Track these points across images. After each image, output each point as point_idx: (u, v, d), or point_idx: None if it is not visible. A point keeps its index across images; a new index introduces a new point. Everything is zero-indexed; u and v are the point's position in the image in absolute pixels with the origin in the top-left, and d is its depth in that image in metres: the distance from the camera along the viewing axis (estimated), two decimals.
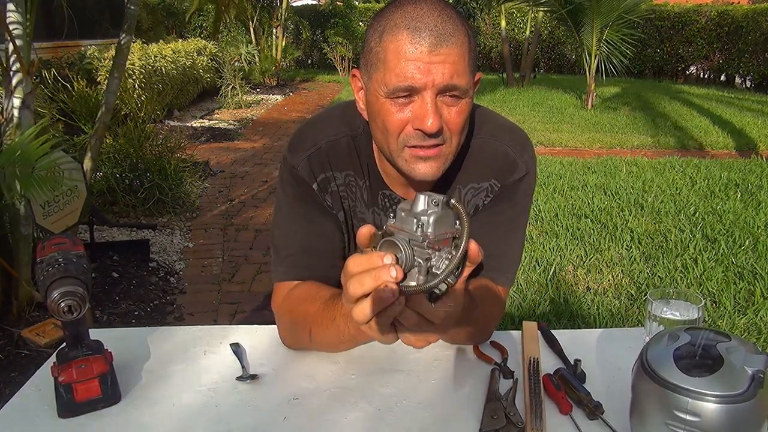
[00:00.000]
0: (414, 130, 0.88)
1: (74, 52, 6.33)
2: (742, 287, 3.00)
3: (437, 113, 0.86)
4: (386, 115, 0.89)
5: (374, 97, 0.91)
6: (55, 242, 0.91)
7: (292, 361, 1.03)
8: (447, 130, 0.89)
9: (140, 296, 2.93)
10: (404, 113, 0.88)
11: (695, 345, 0.79)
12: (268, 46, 12.45)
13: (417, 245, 0.67)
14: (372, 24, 0.91)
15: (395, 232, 0.68)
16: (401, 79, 0.85)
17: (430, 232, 0.67)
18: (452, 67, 0.85)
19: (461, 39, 0.86)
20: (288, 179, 1.04)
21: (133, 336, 1.11)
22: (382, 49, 0.88)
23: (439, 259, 0.67)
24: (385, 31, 0.87)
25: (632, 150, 6.46)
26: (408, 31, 0.85)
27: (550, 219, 4.01)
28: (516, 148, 1.04)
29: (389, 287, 0.65)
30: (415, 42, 0.84)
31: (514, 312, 2.76)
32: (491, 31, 14.85)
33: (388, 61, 0.86)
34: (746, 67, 12.28)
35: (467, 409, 0.90)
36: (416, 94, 0.87)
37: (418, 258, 0.66)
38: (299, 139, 1.06)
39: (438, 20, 0.85)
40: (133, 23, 2.98)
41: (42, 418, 0.88)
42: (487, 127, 1.05)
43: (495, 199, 1.05)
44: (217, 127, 7.72)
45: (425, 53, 0.84)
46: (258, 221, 4.13)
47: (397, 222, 0.70)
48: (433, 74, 0.84)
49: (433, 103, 0.86)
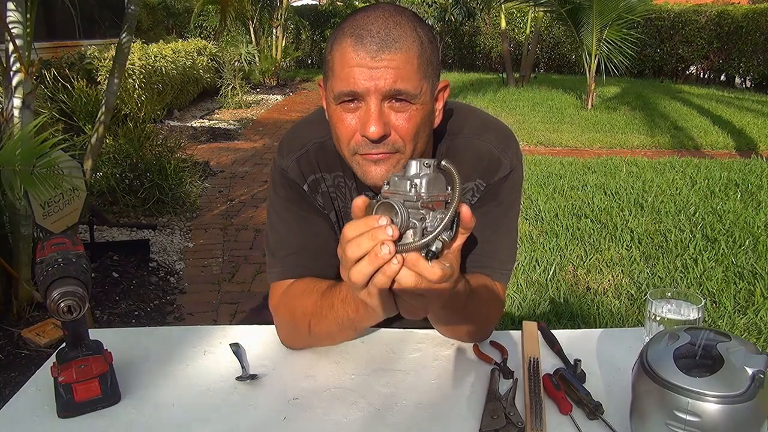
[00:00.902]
0: (361, 137, 0.89)
1: (74, 52, 6.33)
2: (742, 287, 3.00)
3: (381, 119, 0.86)
4: (337, 122, 0.91)
5: (328, 104, 0.93)
6: (54, 242, 0.91)
7: (292, 361, 1.03)
8: (398, 137, 0.89)
9: (140, 296, 2.93)
10: (352, 120, 0.89)
11: (695, 345, 0.79)
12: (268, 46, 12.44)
13: (411, 206, 0.69)
14: (330, 35, 0.93)
15: (390, 197, 0.70)
16: (344, 84, 0.87)
17: (423, 191, 0.69)
18: (395, 72, 0.85)
19: (408, 44, 0.86)
20: (279, 182, 1.06)
21: (133, 336, 1.11)
22: (331, 57, 0.90)
23: (433, 220, 0.69)
24: (335, 40, 0.90)
25: (632, 150, 6.46)
26: (353, 38, 0.86)
27: (550, 219, 4.01)
28: (499, 146, 1.04)
29: (386, 245, 0.67)
30: (358, 48, 0.85)
31: (514, 312, 2.76)
32: (491, 31, 14.84)
33: (335, 68, 0.88)
34: (746, 67, 12.27)
35: (467, 409, 0.90)
36: (361, 100, 0.88)
37: (413, 219, 0.68)
38: (288, 142, 1.07)
39: (382, 27, 0.86)
40: (133, 23, 2.97)
41: (42, 418, 0.88)
42: (469, 125, 1.05)
43: (482, 198, 1.05)
44: (217, 127, 7.72)
45: (367, 59, 0.85)
46: (258, 221, 4.13)
47: (390, 187, 0.72)
48: (375, 79, 0.85)
49: (378, 109, 0.86)
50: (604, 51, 9.04)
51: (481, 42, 15.08)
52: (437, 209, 0.70)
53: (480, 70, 14.69)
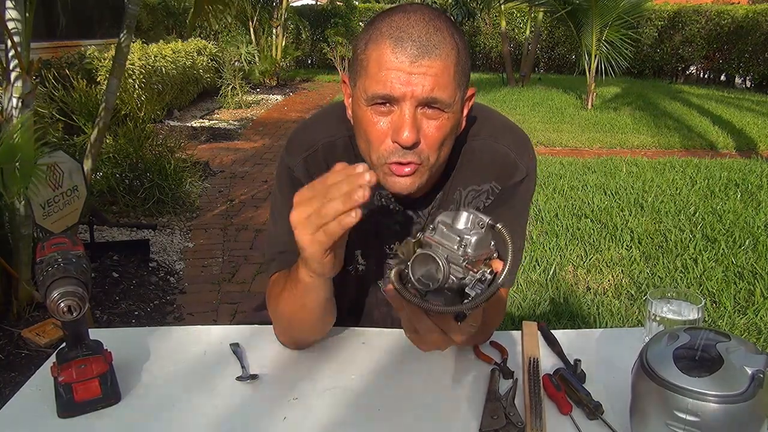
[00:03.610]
0: (392, 143, 0.88)
1: (74, 52, 6.32)
2: (742, 287, 3.00)
3: (414, 126, 0.86)
4: (367, 124, 0.89)
5: (357, 104, 0.91)
6: (54, 242, 0.91)
7: (292, 361, 1.03)
8: (425, 145, 0.88)
9: (140, 296, 2.93)
10: (384, 124, 0.88)
11: (695, 345, 0.79)
12: (268, 46, 12.43)
13: (454, 262, 0.65)
14: (362, 32, 0.92)
15: (432, 245, 0.67)
16: (380, 87, 0.85)
17: (471, 252, 0.66)
18: (434, 80, 0.84)
19: (447, 52, 0.85)
20: (284, 179, 1.05)
21: (133, 336, 1.11)
22: (366, 56, 0.88)
23: (472, 280, 0.66)
24: (371, 39, 0.88)
25: (632, 150, 6.46)
26: (392, 40, 0.85)
27: (550, 219, 4.01)
28: (516, 150, 1.04)
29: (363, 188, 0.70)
30: (397, 51, 0.84)
31: (514, 312, 2.76)
32: (491, 31, 14.84)
33: (370, 69, 0.87)
34: (746, 67, 12.27)
35: (467, 409, 0.90)
36: (396, 104, 0.87)
37: (453, 275, 0.65)
38: (296, 141, 1.06)
39: (423, 31, 0.84)
40: (133, 23, 2.97)
41: (42, 418, 0.88)
42: (487, 128, 1.05)
43: (495, 201, 1.05)
44: (217, 127, 7.71)
45: (406, 63, 0.84)
46: (258, 221, 4.13)
47: (436, 235, 0.68)
48: (413, 85, 0.84)
49: (412, 115, 0.86)
50: (604, 51, 9.03)
51: (481, 42, 15.07)
52: (478, 267, 0.67)
53: (480, 70, 14.68)
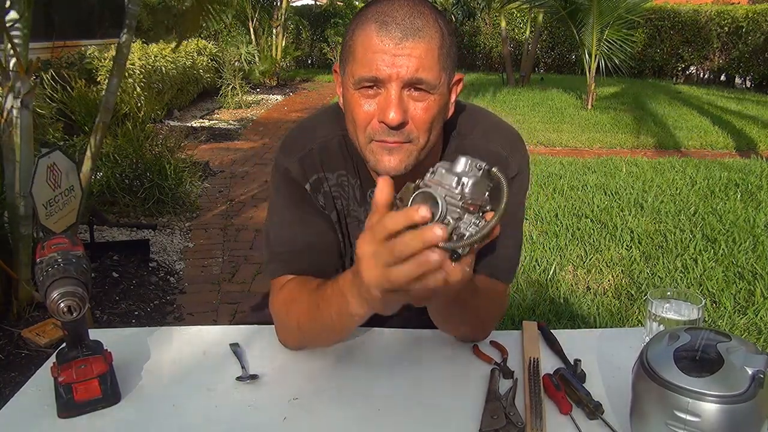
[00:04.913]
0: (379, 123, 0.89)
1: (74, 52, 6.32)
2: (742, 287, 3.00)
3: (401, 106, 0.87)
4: (354, 106, 0.91)
5: (346, 89, 0.93)
6: (54, 242, 0.91)
7: (292, 361, 1.03)
8: (413, 126, 0.90)
9: (140, 296, 2.93)
10: (371, 106, 0.90)
11: (695, 345, 0.79)
12: (268, 46, 12.43)
13: (452, 203, 0.67)
14: (351, 21, 0.94)
15: (432, 186, 0.68)
16: (366, 69, 0.87)
17: (468, 192, 0.67)
18: (418, 61, 0.86)
19: (431, 34, 0.88)
20: (281, 181, 1.06)
21: (133, 336, 1.11)
22: (353, 42, 0.90)
23: (467, 223, 0.67)
24: (357, 26, 0.90)
25: (632, 150, 6.46)
26: (377, 24, 0.87)
27: (550, 219, 4.01)
28: (507, 148, 1.05)
29: (436, 253, 0.64)
30: (382, 35, 0.86)
31: (514, 312, 2.76)
32: (491, 31, 14.83)
33: (357, 53, 0.89)
34: (746, 67, 12.27)
35: (467, 409, 0.90)
36: (382, 86, 0.88)
37: (450, 216, 0.66)
38: (291, 142, 1.07)
39: (407, 15, 0.87)
40: (133, 23, 2.97)
41: (42, 418, 0.88)
42: (479, 127, 1.06)
43: None
44: (217, 127, 7.72)
45: (391, 46, 0.86)
46: (258, 221, 4.13)
47: (435, 176, 0.69)
48: (398, 66, 0.86)
49: (398, 96, 0.87)
50: (605, 51, 9.03)
51: (481, 42, 15.07)
52: (473, 212, 0.68)
53: (480, 70, 14.67)
